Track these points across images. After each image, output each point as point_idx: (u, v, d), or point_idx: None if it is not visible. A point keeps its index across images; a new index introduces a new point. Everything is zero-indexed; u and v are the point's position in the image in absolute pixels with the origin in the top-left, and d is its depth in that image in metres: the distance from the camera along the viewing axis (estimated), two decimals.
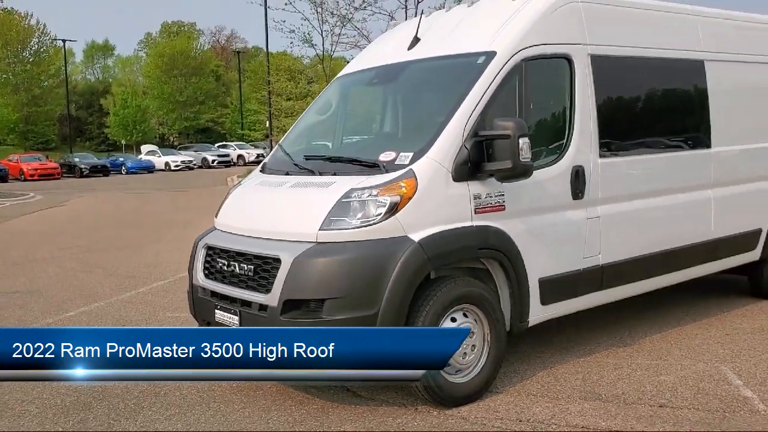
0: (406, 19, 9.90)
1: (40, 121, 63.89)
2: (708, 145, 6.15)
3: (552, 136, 5.13)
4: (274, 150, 5.90)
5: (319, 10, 17.79)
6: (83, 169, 43.72)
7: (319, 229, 4.35)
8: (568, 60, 5.14)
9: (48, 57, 64.21)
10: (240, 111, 65.19)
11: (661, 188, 5.77)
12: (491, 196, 4.64)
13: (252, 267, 4.54)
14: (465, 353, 4.54)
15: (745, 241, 6.62)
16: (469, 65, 4.86)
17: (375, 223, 4.30)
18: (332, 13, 17.72)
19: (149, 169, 46.78)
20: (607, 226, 5.35)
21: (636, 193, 5.57)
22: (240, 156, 51.60)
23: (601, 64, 5.31)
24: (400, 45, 5.69)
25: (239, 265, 4.64)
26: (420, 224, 4.37)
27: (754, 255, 6.80)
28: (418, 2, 15.46)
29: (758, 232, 6.73)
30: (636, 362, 5.34)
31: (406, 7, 15.45)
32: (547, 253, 4.99)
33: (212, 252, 4.97)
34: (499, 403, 4.61)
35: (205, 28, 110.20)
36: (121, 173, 45.54)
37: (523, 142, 4.40)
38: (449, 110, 4.64)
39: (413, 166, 4.45)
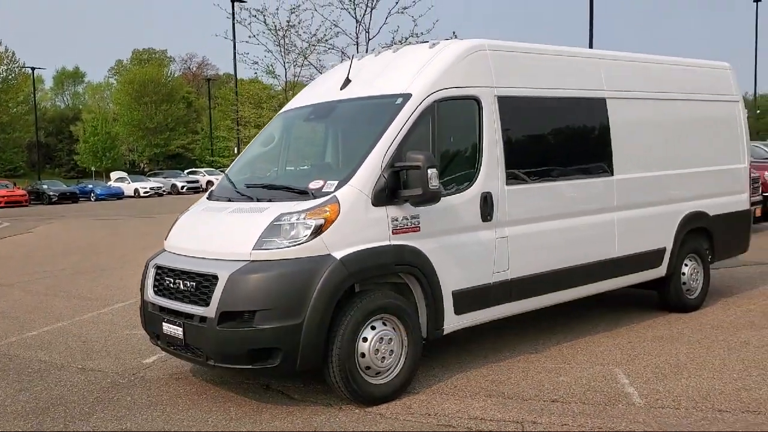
0: (357, 53, 10.65)
1: (8, 148, 63.74)
2: (610, 173, 6.91)
3: (463, 167, 5.83)
4: (221, 179, 6.54)
5: (282, 42, 18.48)
6: (51, 196, 43.76)
7: (252, 249, 4.99)
8: (477, 101, 5.87)
9: (16, 84, 64.24)
10: (210, 137, 65.67)
11: (566, 211, 6.51)
12: (407, 219, 5.31)
13: (194, 284, 5.15)
14: (384, 357, 5.17)
15: (650, 258, 7.38)
16: (389, 105, 5.57)
17: (301, 243, 4.94)
18: (294, 45, 18.45)
19: (118, 195, 46.97)
20: (515, 245, 6.05)
21: (542, 215, 6.30)
22: (209, 182, 51.85)
23: (507, 104, 6.05)
24: (334, 85, 6.39)
25: (183, 282, 5.24)
26: (342, 244, 5.02)
27: (660, 272, 7.57)
28: (369, 40, 16.30)
29: (662, 250, 7.51)
30: (542, 366, 6.02)
31: (357, 43, 16.26)
32: (460, 269, 5.67)
33: (161, 271, 5.57)
34: (414, 401, 5.25)
35: (176, 56, 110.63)
36: (90, 200, 45.65)
37: (432, 172, 5.10)
38: (370, 144, 5.33)
39: (337, 193, 5.12)
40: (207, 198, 6.25)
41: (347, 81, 6.25)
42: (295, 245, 4.95)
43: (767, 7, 77.23)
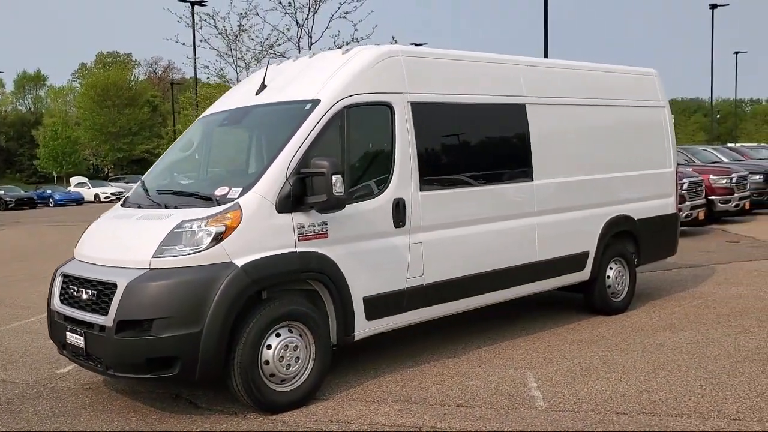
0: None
1: None
2: (530, 178, 6.98)
3: (375, 173, 5.84)
4: (137, 185, 6.47)
5: (234, 46, 18.38)
6: (8, 202, 42.95)
7: (152, 257, 4.93)
8: (389, 107, 5.89)
9: None
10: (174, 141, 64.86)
11: (484, 217, 6.55)
12: (314, 226, 5.30)
13: (95, 292, 5.08)
14: (289, 365, 5.15)
15: (573, 262, 7.47)
16: (298, 111, 5.56)
17: (202, 251, 4.90)
18: (249, 49, 18.37)
19: (78, 201, 46.24)
20: (430, 251, 6.07)
21: (458, 221, 6.33)
22: None
23: (421, 110, 6.08)
24: (251, 90, 6.37)
25: (86, 291, 5.17)
26: (245, 251, 4.99)
27: (584, 275, 7.66)
28: (311, 45, 16.35)
29: (585, 254, 7.60)
30: (457, 370, 6.05)
31: (299, 48, 16.30)
32: (371, 275, 5.68)
33: (67, 279, 5.49)
34: (319, 407, 5.23)
35: (142, 59, 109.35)
36: (49, 206, 44.87)
37: (336, 179, 5.10)
38: (276, 150, 5.32)
39: (240, 200, 5.09)
40: (120, 205, 6.17)
41: (263, 86, 6.23)
42: (195, 253, 4.90)
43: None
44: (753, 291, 9.11)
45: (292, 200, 5.20)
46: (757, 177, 19.32)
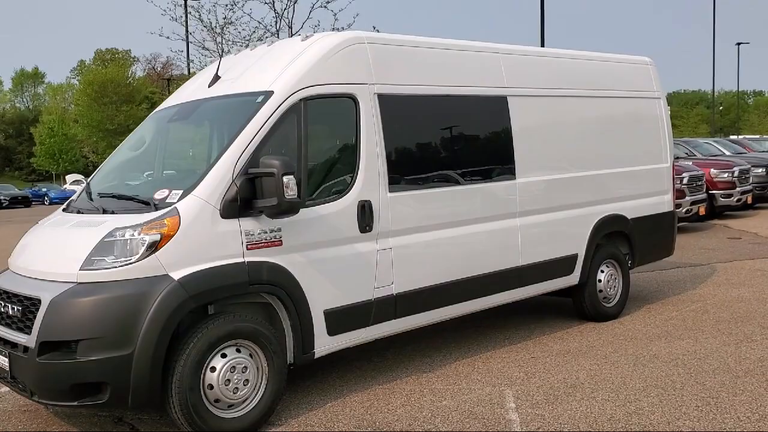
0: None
1: None
2: (512, 176, 6.44)
3: (337, 173, 5.31)
4: (83, 187, 5.94)
5: (219, 39, 17.83)
6: (3, 201, 42.57)
7: (80, 269, 4.40)
8: (353, 99, 5.35)
9: None
10: None
11: (461, 219, 6.01)
12: (265, 232, 4.77)
13: (20, 308, 4.55)
14: (237, 388, 4.62)
15: (560, 266, 6.92)
16: (248, 104, 5.02)
17: (134, 263, 4.37)
18: (235, 43, 17.82)
19: None
20: (401, 257, 5.54)
21: (432, 224, 5.79)
22: None
23: (389, 102, 5.53)
24: (204, 83, 5.83)
25: (11, 306, 4.64)
26: (183, 262, 4.46)
27: (572, 279, 7.12)
28: (291, 36, 15.79)
29: (574, 257, 7.06)
30: (430, 387, 5.52)
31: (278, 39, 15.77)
32: (334, 285, 5.14)
33: None
34: None
35: (140, 55, 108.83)
36: (44, 203, 44.42)
37: (288, 180, 4.56)
38: (222, 148, 4.78)
39: (178, 204, 4.55)
40: (63, 209, 5.65)
41: (216, 78, 5.69)
42: (126, 264, 4.37)
43: None
44: (755, 293, 8.57)
45: (240, 204, 4.66)
46: (760, 170, 18.75)
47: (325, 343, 5.14)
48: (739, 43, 54.12)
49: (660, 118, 8.18)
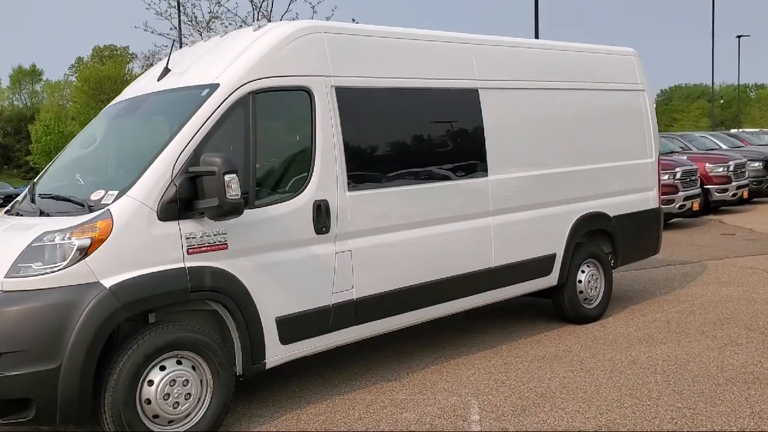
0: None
1: None
2: (484, 173, 6.12)
3: (290, 171, 5.00)
4: (28, 188, 5.63)
5: (205, 34, 17.49)
6: None
7: (5, 277, 4.09)
8: (308, 92, 5.03)
9: None
10: None
11: (428, 219, 5.70)
12: (209, 235, 4.46)
13: None
14: (177, 402, 4.31)
15: (537, 267, 6.61)
16: (193, 98, 4.71)
17: (62, 269, 4.06)
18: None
19: None
20: (362, 260, 5.23)
21: (396, 224, 5.48)
22: None
23: (348, 95, 5.22)
24: (155, 76, 5.52)
25: None
26: (116, 269, 4.15)
27: (551, 280, 6.81)
28: None
29: (552, 257, 6.74)
30: (392, 398, 5.22)
31: None
32: (287, 291, 4.84)
33: None
34: None
35: (138, 52, 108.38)
36: None
37: (230, 179, 4.25)
38: (162, 145, 4.46)
39: (112, 206, 4.24)
40: (6, 212, 5.34)
41: (166, 70, 5.38)
42: (54, 271, 4.06)
43: None
44: (745, 292, 8.25)
45: (180, 205, 4.35)
46: (757, 164, 18.38)
47: (277, 353, 4.83)
48: (739, 36, 53.61)
49: (644, 111, 7.86)
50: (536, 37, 21.89)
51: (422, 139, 5.82)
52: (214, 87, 4.70)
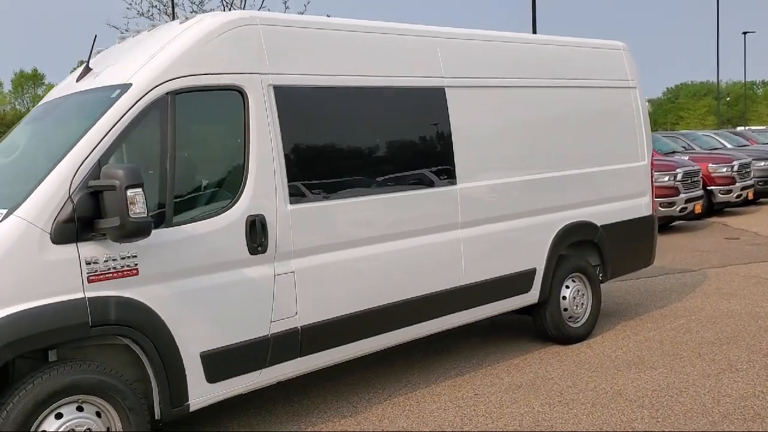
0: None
1: None
2: (452, 182, 5.48)
3: (217, 183, 4.38)
4: None
5: None
6: None
7: None
8: (241, 92, 4.41)
9: None
10: None
11: (386, 234, 5.06)
12: (114, 260, 3.84)
13: None
14: None
15: (515, 283, 5.97)
16: (101, 101, 4.10)
17: None
18: None
19: None
20: (307, 282, 4.61)
21: (349, 240, 4.85)
22: None
23: (290, 96, 4.60)
24: (75, 76, 4.91)
25: None
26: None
27: (531, 297, 6.16)
28: None
29: (531, 272, 6.10)
30: None
31: None
32: (213, 321, 4.21)
33: None
34: None
35: None
36: None
37: (134, 194, 3.63)
38: (59, 156, 3.85)
39: None
40: None
41: (86, 70, 4.77)
42: None
43: None
44: (747, 306, 7.59)
45: (78, 226, 3.73)
46: (763, 163, 17.66)
47: (203, 393, 4.20)
48: (745, 32, 52.77)
49: (635, 110, 7.20)
50: (534, 31, 21.23)
51: (379, 144, 5.18)
52: (125, 87, 4.08)
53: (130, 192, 3.61)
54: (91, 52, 4.84)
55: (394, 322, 5.13)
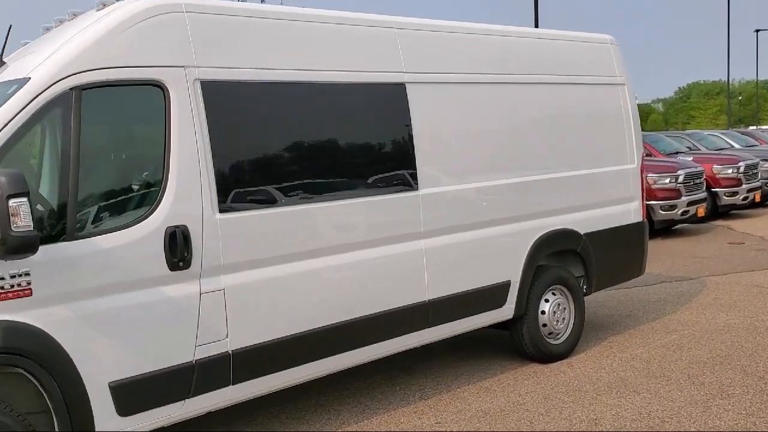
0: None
1: None
2: (413, 186, 4.98)
3: (130, 189, 3.89)
4: None
5: None
6: None
7: None
8: (161, 87, 3.92)
9: None
10: None
11: (335, 245, 4.56)
12: (2, 278, 3.35)
13: None
14: None
15: (487, 297, 5.46)
16: None
17: None
18: None
19: None
20: (241, 301, 4.12)
21: (290, 253, 4.35)
22: None
23: (219, 92, 4.11)
24: None
25: None
26: None
27: (505, 312, 5.65)
28: None
29: (505, 285, 5.58)
30: None
31: None
32: (125, 347, 3.73)
33: None
34: None
35: None
36: None
37: (17, 205, 3.15)
38: None
39: None
40: None
41: (0, 63, 4.30)
42: None
43: None
44: (746, 319, 7.03)
45: None
46: None
47: (113, 428, 3.72)
48: (757, 30, 51.82)
49: (623, 109, 6.66)
50: (536, 26, 20.69)
51: (328, 146, 4.67)
52: (22, 82, 3.60)
53: (12, 202, 3.13)
54: (4, 45, 4.36)
55: (345, 344, 4.62)
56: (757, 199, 15.64)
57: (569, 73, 6.19)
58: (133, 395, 3.75)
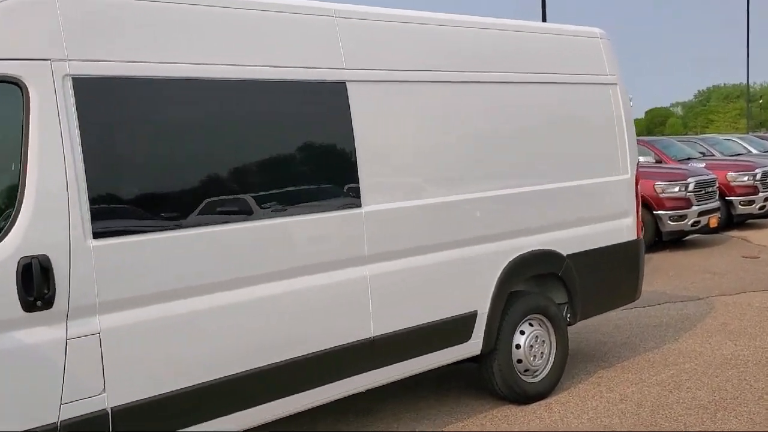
0: None
1: None
2: (355, 203, 4.20)
3: None
4: None
5: None
6: None
7: None
8: (18, 85, 3.18)
9: None
10: None
11: (253, 274, 3.79)
12: None
13: None
14: None
15: (448, 331, 4.67)
16: None
17: None
18: None
19: None
20: (122, 347, 3.36)
21: (187, 287, 3.58)
22: None
23: (99, 90, 3.36)
24: None
25: None
26: None
27: (471, 348, 4.85)
28: None
29: (471, 316, 4.79)
30: None
31: None
32: None
33: None
34: None
35: None
36: None
37: None
38: None
39: None
40: None
41: None
42: None
43: None
44: (756, 350, 6.18)
45: None
46: None
47: None
48: None
49: (615, 112, 5.85)
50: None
51: (246, 155, 3.90)
52: None
53: None
54: None
55: (266, 393, 3.85)
56: None
57: (550, 70, 5.39)
58: None
